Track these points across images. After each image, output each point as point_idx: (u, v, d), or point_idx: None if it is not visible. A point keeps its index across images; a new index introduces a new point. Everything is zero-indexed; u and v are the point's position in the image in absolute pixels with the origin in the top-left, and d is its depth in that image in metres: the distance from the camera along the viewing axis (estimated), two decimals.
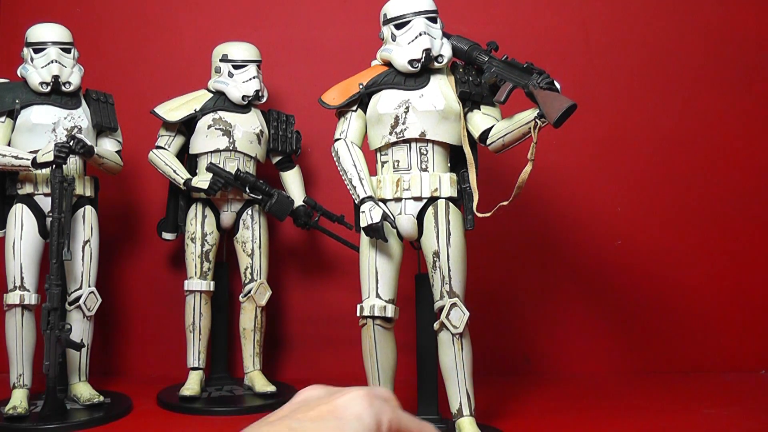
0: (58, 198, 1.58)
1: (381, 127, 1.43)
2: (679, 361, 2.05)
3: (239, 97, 1.80)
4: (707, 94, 2.09)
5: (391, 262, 1.41)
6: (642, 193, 2.08)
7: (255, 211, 1.85)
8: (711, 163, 2.08)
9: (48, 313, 1.54)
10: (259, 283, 1.83)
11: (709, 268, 2.07)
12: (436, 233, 1.39)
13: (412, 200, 1.42)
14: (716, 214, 2.07)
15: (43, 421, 1.53)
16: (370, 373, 1.42)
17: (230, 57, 1.82)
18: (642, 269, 2.07)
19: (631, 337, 2.06)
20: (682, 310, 2.06)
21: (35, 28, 1.72)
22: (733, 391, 1.84)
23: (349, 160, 1.42)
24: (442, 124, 1.41)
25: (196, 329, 1.79)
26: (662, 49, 2.09)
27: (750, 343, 2.05)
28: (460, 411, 1.39)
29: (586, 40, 2.10)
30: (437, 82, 1.43)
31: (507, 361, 2.06)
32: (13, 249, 1.65)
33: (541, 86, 1.32)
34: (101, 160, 1.71)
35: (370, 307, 1.40)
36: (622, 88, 2.09)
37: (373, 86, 1.45)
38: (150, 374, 2.03)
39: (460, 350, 1.38)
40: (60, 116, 1.69)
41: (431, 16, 1.44)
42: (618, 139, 2.08)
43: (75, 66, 1.73)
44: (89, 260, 1.73)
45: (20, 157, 1.62)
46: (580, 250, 2.07)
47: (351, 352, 1.54)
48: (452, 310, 1.37)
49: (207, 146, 1.80)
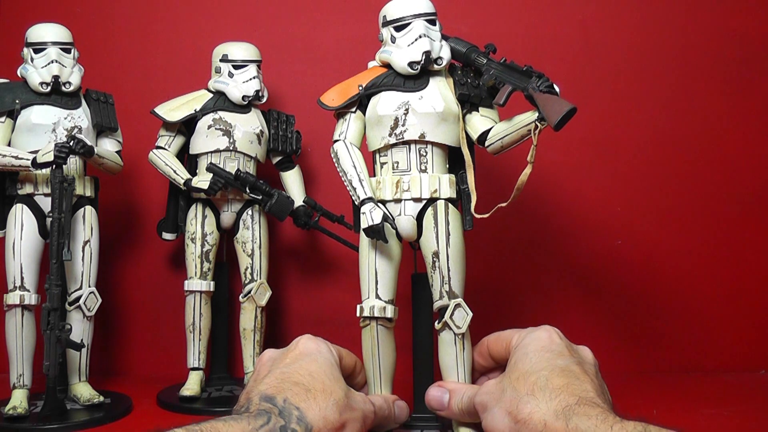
0: (58, 198, 1.58)
1: (380, 128, 1.43)
2: (679, 361, 2.05)
3: (239, 97, 1.80)
4: (707, 94, 2.09)
5: (390, 262, 1.41)
6: (642, 193, 2.08)
7: (255, 211, 1.85)
8: (711, 163, 2.08)
9: (48, 313, 1.55)
10: (259, 283, 1.83)
11: (709, 267, 2.07)
12: (436, 233, 1.39)
13: (411, 201, 1.42)
14: (717, 214, 2.07)
15: (43, 421, 1.54)
16: (371, 373, 1.43)
17: (230, 57, 1.82)
18: (642, 269, 2.07)
19: (631, 337, 2.06)
20: (682, 310, 2.06)
21: (35, 28, 1.72)
22: (733, 391, 1.83)
23: (349, 161, 1.42)
24: (442, 125, 1.41)
25: (196, 329, 1.80)
26: (662, 49, 2.09)
27: (750, 343, 2.05)
28: None
29: (585, 40, 2.10)
30: (436, 84, 1.43)
31: None
32: (13, 249, 1.65)
33: (540, 89, 1.32)
34: (101, 160, 1.72)
35: (369, 307, 1.40)
36: (622, 88, 2.09)
37: (372, 88, 1.45)
38: (150, 374, 2.03)
39: (462, 350, 1.38)
40: (60, 116, 1.69)
41: (430, 19, 1.44)
42: (618, 139, 2.08)
43: (75, 66, 1.73)
44: (89, 260, 1.73)
45: (20, 158, 1.62)
46: (580, 250, 2.07)
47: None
48: (456, 310, 1.37)
49: (207, 146, 1.80)
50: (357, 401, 1.10)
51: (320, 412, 0.93)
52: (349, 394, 1.05)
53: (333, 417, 0.95)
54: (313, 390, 0.97)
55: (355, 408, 1.06)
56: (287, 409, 0.89)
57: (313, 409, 0.93)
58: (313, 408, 0.93)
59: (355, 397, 1.10)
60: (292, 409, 0.89)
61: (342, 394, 1.01)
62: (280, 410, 0.88)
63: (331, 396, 0.98)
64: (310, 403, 0.93)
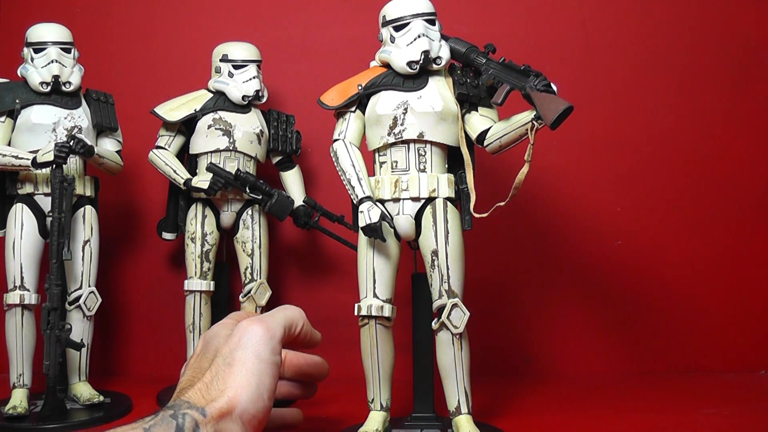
0: (58, 198, 1.58)
1: (379, 127, 1.43)
2: (679, 361, 2.05)
3: (239, 97, 1.81)
4: (707, 93, 2.08)
5: (388, 262, 1.42)
6: (642, 193, 2.07)
7: (255, 211, 1.85)
8: (711, 162, 2.08)
9: (48, 312, 1.55)
10: (259, 283, 1.83)
11: (709, 268, 2.07)
12: (435, 232, 1.39)
13: (410, 200, 1.42)
14: (717, 214, 2.07)
15: (43, 421, 1.54)
16: (370, 373, 1.43)
17: (230, 57, 1.82)
18: (642, 269, 2.07)
19: (631, 337, 2.06)
20: (682, 309, 2.06)
21: (35, 28, 1.72)
22: (733, 391, 1.83)
23: (348, 160, 1.42)
24: (440, 125, 1.41)
25: (196, 329, 1.80)
26: (662, 49, 2.09)
27: (750, 343, 2.05)
28: (458, 409, 1.39)
29: (585, 40, 2.09)
30: (435, 84, 1.44)
31: (506, 361, 2.06)
32: (13, 249, 1.66)
33: (538, 88, 1.32)
34: (101, 159, 1.72)
35: (367, 306, 1.40)
36: (622, 88, 2.09)
37: (371, 87, 1.45)
38: (150, 374, 2.03)
39: (460, 350, 1.38)
40: (60, 116, 1.70)
41: (430, 19, 1.44)
42: (618, 139, 2.08)
43: (75, 66, 1.73)
44: (89, 260, 1.73)
45: (20, 157, 1.62)
46: (580, 250, 2.07)
47: (351, 351, 1.54)
48: (453, 310, 1.37)
49: (207, 146, 1.80)
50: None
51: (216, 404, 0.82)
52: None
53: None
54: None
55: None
56: (177, 404, 0.81)
57: (201, 399, 0.82)
58: (201, 398, 0.83)
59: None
60: (182, 403, 0.81)
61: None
62: (172, 406, 0.80)
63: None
64: (197, 395, 0.83)
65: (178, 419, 0.80)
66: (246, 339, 0.88)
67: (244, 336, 0.88)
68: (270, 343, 0.89)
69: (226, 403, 0.82)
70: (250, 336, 0.88)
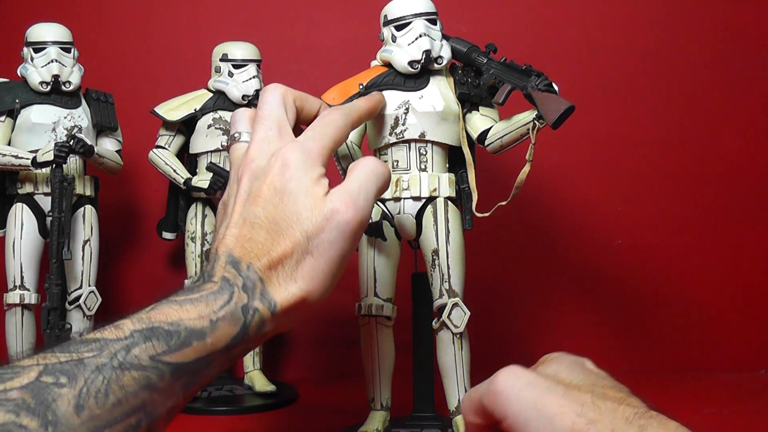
0: (58, 197, 1.58)
1: (381, 127, 1.43)
2: (679, 361, 2.05)
3: (239, 97, 1.80)
4: (708, 93, 2.09)
5: (389, 261, 1.42)
6: (642, 193, 2.08)
7: None
8: (711, 162, 2.08)
9: (48, 312, 1.55)
10: None
11: (709, 267, 2.07)
12: (435, 231, 1.39)
13: (410, 200, 1.42)
14: (717, 214, 2.07)
15: None
16: (370, 372, 1.43)
17: (230, 56, 1.82)
18: (642, 269, 2.07)
19: (631, 337, 2.06)
20: (682, 309, 2.06)
21: (35, 28, 1.72)
22: (733, 391, 1.83)
23: (348, 159, 1.43)
24: (442, 125, 1.41)
25: None
26: (662, 49, 2.09)
27: (750, 343, 2.05)
28: (459, 408, 1.39)
29: (585, 40, 2.10)
30: (437, 84, 1.44)
31: (507, 361, 2.05)
32: (13, 248, 1.66)
33: (539, 88, 1.32)
34: (101, 159, 1.72)
35: (367, 306, 1.40)
36: (622, 88, 2.09)
37: (372, 87, 1.45)
38: None
39: (460, 349, 1.38)
40: (60, 116, 1.70)
41: (431, 18, 1.44)
42: (618, 139, 2.08)
43: (75, 65, 1.73)
44: (89, 260, 1.73)
45: (20, 157, 1.62)
46: (580, 250, 2.07)
47: (351, 352, 1.54)
48: (453, 309, 1.37)
49: (207, 146, 1.80)
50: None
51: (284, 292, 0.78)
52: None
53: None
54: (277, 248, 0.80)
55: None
56: (251, 279, 0.75)
57: (275, 285, 0.78)
58: (274, 283, 0.78)
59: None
60: (256, 281, 0.75)
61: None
62: (243, 281, 0.74)
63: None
64: (270, 274, 0.78)
65: (247, 316, 0.74)
66: (334, 225, 0.84)
67: (331, 221, 0.83)
68: (361, 229, 0.87)
69: (297, 295, 0.79)
70: (339, 223, 0.84)
